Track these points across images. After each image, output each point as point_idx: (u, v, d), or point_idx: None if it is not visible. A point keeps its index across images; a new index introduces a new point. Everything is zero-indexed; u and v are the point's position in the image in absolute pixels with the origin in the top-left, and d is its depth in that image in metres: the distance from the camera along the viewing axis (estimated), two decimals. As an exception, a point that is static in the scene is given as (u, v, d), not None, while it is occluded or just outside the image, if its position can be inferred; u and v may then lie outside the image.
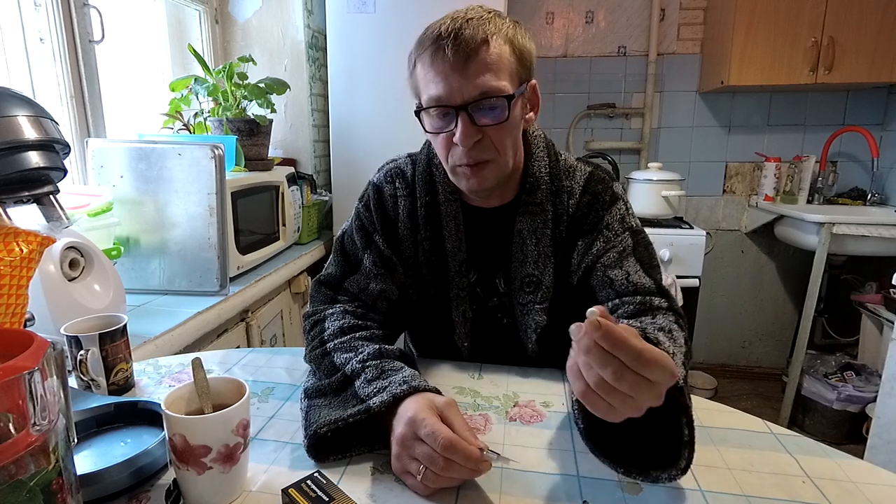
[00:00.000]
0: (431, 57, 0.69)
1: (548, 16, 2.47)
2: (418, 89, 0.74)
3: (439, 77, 0.69)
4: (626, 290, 0.73)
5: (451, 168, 0.76)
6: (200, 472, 0.48)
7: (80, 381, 0.71)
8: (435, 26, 0.70)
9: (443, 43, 0.67)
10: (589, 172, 0.81)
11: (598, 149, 2.49)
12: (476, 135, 0.70)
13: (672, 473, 0.51)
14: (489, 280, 0.84)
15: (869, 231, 1.94)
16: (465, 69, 0.67)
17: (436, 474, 0.51)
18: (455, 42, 0.66)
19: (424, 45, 0.70)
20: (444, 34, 0.67)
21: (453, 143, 0.72)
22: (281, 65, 1.98)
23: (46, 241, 0.65)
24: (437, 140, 0.75)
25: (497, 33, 0.69)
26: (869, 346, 2.15)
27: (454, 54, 0.67)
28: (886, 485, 0.55)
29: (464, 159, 0.72)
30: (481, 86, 0.68)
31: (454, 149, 0.73)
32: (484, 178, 0.74)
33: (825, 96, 2.35)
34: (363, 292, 0.83)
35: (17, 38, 1.22)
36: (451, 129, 0.71)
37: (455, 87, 0.68)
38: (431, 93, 0.70)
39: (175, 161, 1.20)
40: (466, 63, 0.67)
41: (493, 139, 0.71)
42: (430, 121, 0.73)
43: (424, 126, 0.75)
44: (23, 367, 0.36)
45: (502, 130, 0.71)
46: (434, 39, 0.68)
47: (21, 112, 0.65)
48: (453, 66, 0.67)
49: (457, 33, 0.67)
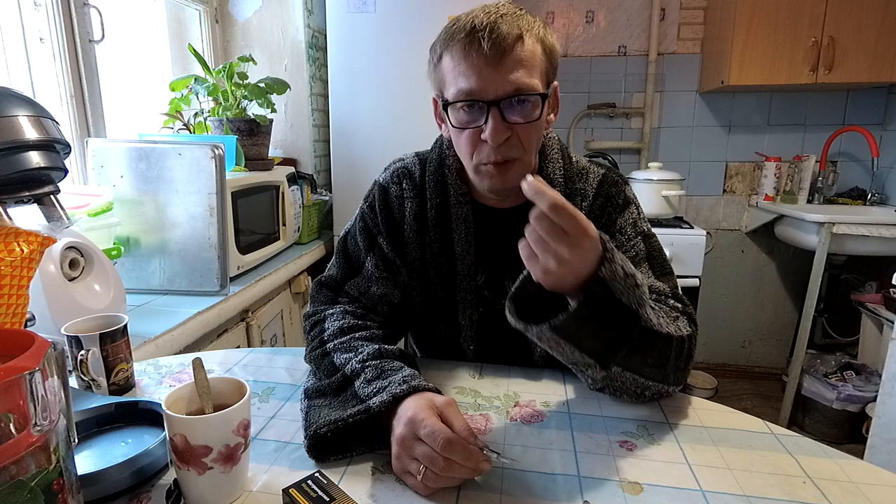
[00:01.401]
0: (464, 50, 0.67)
1: (548, 15, 2.46)
2: (444, 82, 0.71)
3: (472, 70, 0.67)
4: None
5: (475, 166, 0.73)
6: (201, 472, 0.48)
7: (81, 381, 0.71)
8: (467, 19, 0.68)
9: (478, 36, 0.65)
10: (602, 175, 0.81)
11: (599, 148, 2.49)
12: (506, 132, 0.68)
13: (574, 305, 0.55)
14: (498, 283, 0.83)
15: (869, 231, 1.94)
16: (499, 64, 0.66)
17: (436, 474, 0.51)
18: (491, 35, 0.65)
19: (456, 37, 0.67)
20: (480, 27, 0.65)
21: (480, 139, 0.70)
22: (281, 64, 1.98)
23: (47, 241, 0.65)
24: (461, 136, 0.72)
25: (530, 31, 0.68)
26: (869, 345, 2.15)
27: (490, 48, 0.65)
28: (886, 485, 0.55)
29: (491, 157, 0.70)
30: (515, 82, 0.66)
31: (481, 146, 0.71)
32: (509, 177, 0.72)
33: (825, 96, 2.35)
34: (364, 295, 0.83)
35: (17, 38, 1.22)
36: (480, 124, 0.69)
37: (488, 81, 0.66)
38: (462, 86, 0.68)
39: (175, 161, 1.20)
40: (502, 58, 0.66)
41: (521, 137, 0.70)
42: (457, 115, 0.71)
43: (450, 121, 0.72)
44: (23, 367, 0.36)
45: (531, 129, 0.70)
46: (468, 32, 0.66)
47: (21, 112, 0.65)
48: (488, 60, 0.66)
49: (493, 27, 0.65)
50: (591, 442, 0.62)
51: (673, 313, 0.69)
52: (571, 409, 0.70)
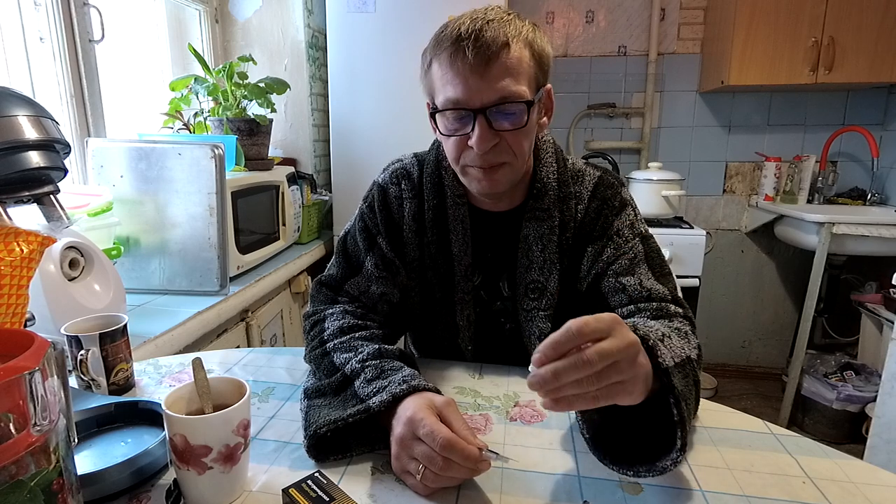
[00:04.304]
0: (451, 58, 0.67)
1: (548, 15, 2.47)
2: (433, 90, 0.72)
3: (458, 79, 0.67)
4: (640, 296, 0.72)
5: (462, 168, 0.74)
6: (201, 472, 0.48)
7: (81, 381, 0.71)
8: (454, 25, 0.67)
9: (463, 44, 0.65)
10: (598, 177, 0.80)
11: (599, 148, 2.49)
12: (493, 139, 0.69)
13: (673, 457, 0.50)
14: (493, 283, 0.84)
15: (869, 231, 1.94)
16: (485, 72, 0.66)
17: (435, 474, 0.51)
18: (476, 44, 0.65)
19: (443, 44, 0.68)
20: (465, 35, 0.65)
21: (468, 145, 0.70)
22: (281, 64, 1.98)
23: (47, 240, 0.65)
24: (449, 142, 0.73)
25: (517, 36, 0.67)
26: (869, 345, 2.15)
27: (475, 56, 0.65)
28: (886, 485, 0.55)
29: (477, 161, 0.71)
30: (501, 90, 0.66)
31: (467, 150, 0.71)
32: (497, 181, 0.73)
33: (825, 96, 2.35)
34: (364, 295, 0.83)
35: (17, 38, 1.22)
36: (467, 132, 0.69)
37: (474, 90, 0.66)
38: (449, 95, 0.68)
39: (175, 161, 1.20)
40: (487, 66, 0.65)
41: (510, 143, 0.70)
42: (445, 123, 0.71)
43: (438, 128, 0.73)
44: (23, 367, 0.36)
45: (520, 134, 0.70)
46: (454, 40, 0.66)
47: (21, 112, 0.65)
48: (473, 68, 0.66)
49: (477, 35, 0.65)
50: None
51: (683, 327, 0.67)
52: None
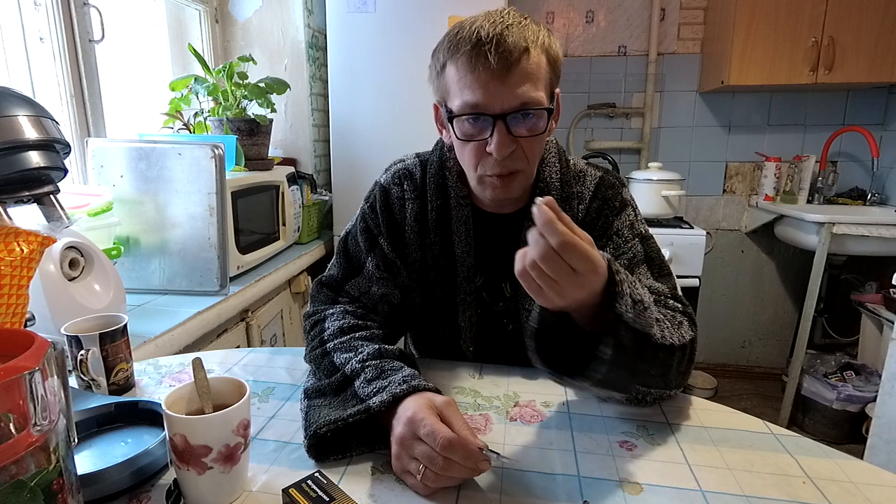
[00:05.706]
0: (470, 62, 0.65)
1: (548, 15, 2.47)
2: (448, 92, 0.71)
3: (478, 84, 0.66)
4: None
5: (479, 177, 0.73)
6: (201, 472, 0.48)
7: (81, 381, 0.71)
8: (471, 28, 0.66)
9: (485, 48, 0.64)
10: (599, 177, 0.81)
11: (599, 148, 2.49)
12: (511, 145, 0.68)
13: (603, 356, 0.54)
14: (495, 285, 0.84)
15: (869, 231, 1.94)
16: (506, 78, 0.65)
17: (435, 474, 0.51)
18: (498, 49, 0.64)
19: (460, 47, 0.66)
20: (486, 39, 0.64)
21: (485, 151, 0.69)
22: (281, 64, 1.98)
23: (47, 240, 0.65)
24: (465, 148, 0.72)
25: (536, 42, 0.67)
26: (869, 345, 2.15)
27: (497, 61, 0.64)
28: (886, 485, 0.55)
29: (496, 169, 0.70)
30: (521, 96, 0.66)
31: (485, 158, 0.70)
32: (512, 188, 0.73)
33: (825, 96, 2.35)
34: (364, 295, 0.83)
35: (17, 38, 1.22)
36: (485, 137, 0.69)
37: (495, 95, 0.66)
38: (468, 99, 0.67)
39: (175, 161, 1.20)
40: (508, 72, 0.65)
41: (525, 150, 0.70)
42: (462, 128, 0.70)
43: (455, 132, 0.71)
44: (23, 367, 0.36)
45: (535, 141, 0.70)
46: (474, 43, 0.64)
47: (21, 112, 0.65)
48: (494, 73, 0.65)
49: (499, 39, 0.64)
50: (591, 442, 0.62)
51: (677, 318, 0.68)
52: (571, 409, 0.70)
